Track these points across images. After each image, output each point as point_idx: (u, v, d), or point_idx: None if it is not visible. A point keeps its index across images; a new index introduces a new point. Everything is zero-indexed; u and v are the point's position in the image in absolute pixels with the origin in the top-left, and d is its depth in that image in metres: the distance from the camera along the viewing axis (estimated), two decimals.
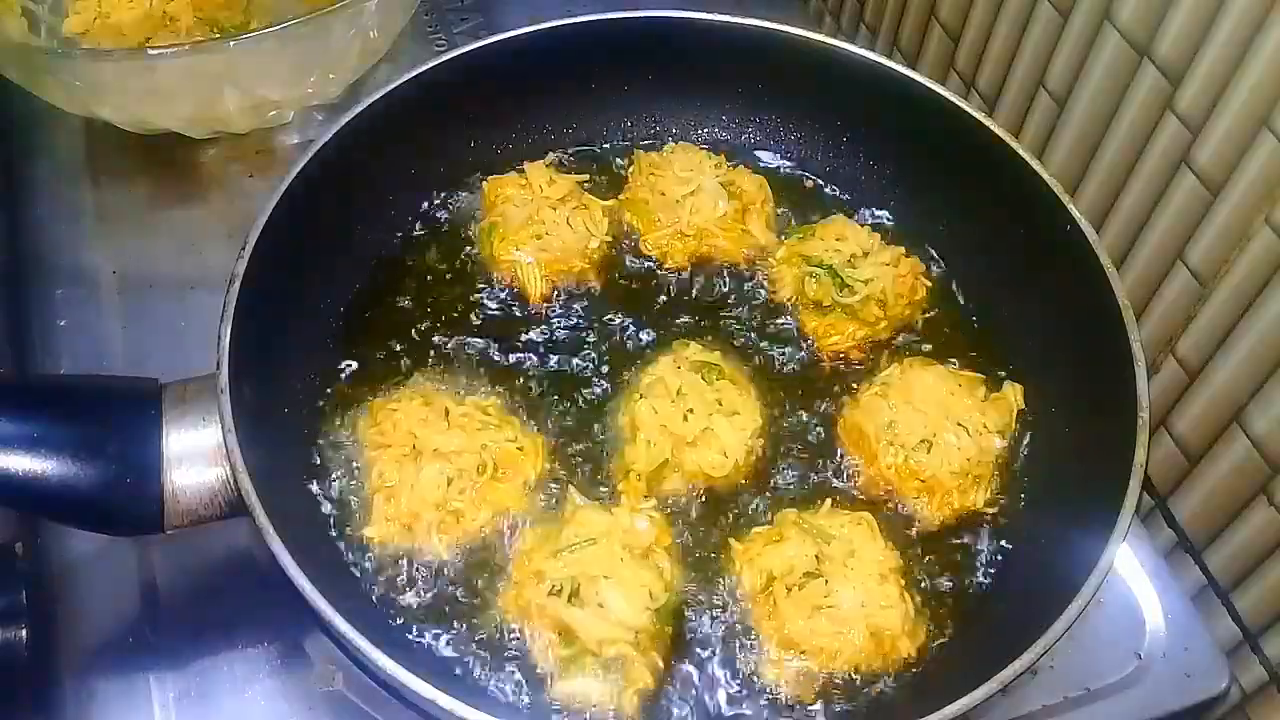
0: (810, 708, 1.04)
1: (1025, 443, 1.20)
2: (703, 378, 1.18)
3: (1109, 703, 1.14)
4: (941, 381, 1.20)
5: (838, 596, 1.05)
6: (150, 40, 1.54)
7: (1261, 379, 1.17)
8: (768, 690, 1.05)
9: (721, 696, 1.05)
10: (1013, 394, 1.21)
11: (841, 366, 1.27)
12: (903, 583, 1.08)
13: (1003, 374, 1.25)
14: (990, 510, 1.16)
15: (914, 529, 1.15)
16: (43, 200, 1.51)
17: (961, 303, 1.33)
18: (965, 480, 1.15)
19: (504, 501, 1.12)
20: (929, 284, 1.32)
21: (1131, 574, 1.22)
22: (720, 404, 1.17)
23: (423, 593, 1.09)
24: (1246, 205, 1.15)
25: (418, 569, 1.10)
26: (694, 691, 1.05)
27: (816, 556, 1.07)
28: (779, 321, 1.30)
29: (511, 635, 1.06)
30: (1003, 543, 1.15)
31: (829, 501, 1.14)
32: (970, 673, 0.94)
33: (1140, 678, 1.16)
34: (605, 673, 1.02)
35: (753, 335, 1.29)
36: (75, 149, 1.56)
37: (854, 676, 1.05)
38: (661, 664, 1.04)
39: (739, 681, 1.06)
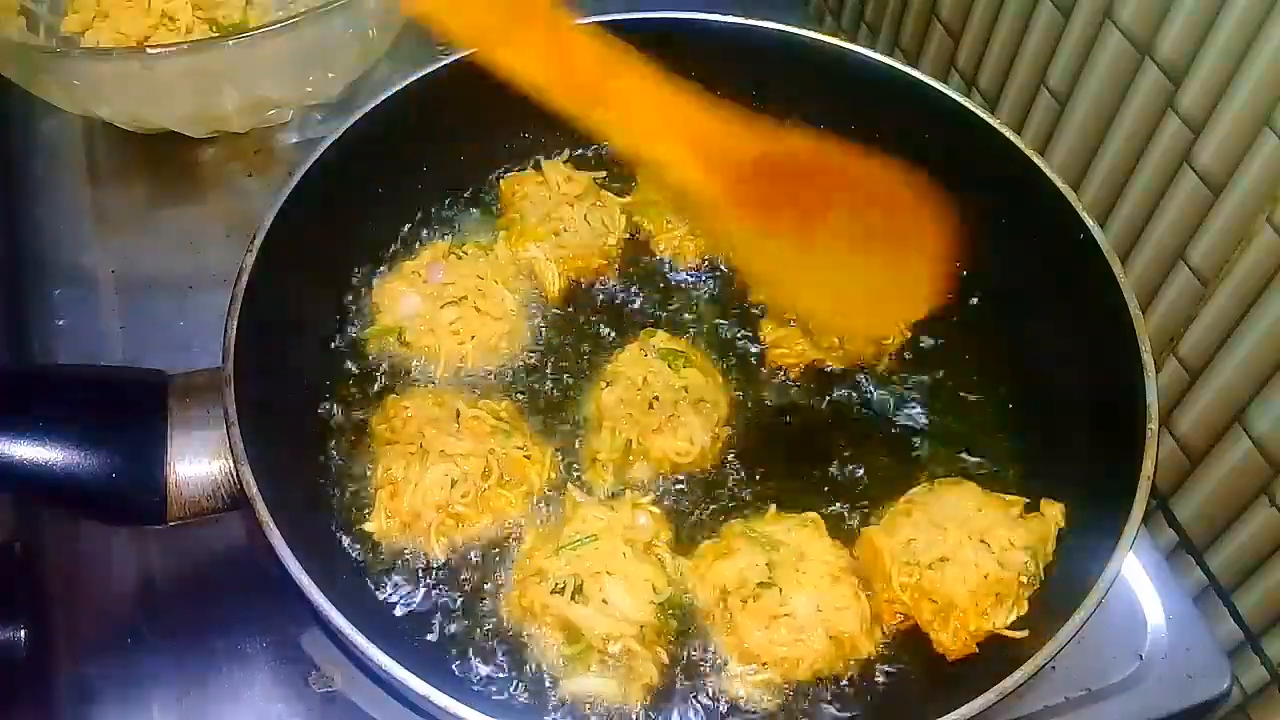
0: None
1: (1030, 445, 1.20)
2: (669, 365, 1.18)
3: (1110, 703, 1.14)
4: (970, 499, 1.11)
5: (793, 604, 1.04)
6: (149, 39, 1.54)
7: (1263, 379, 1.17)
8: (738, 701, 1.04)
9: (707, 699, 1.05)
10: (1053, 513, 1.10)
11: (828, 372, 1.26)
12: (855, 581, 1.06)
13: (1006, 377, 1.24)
14: (1018, 636, 1.04)
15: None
16: (42, 199, 1.50)
17: (965, 303, 1.32)
18: (986, 600, 1.05)
19: (506, 509, 1.12)
20: (908, 334, 1.28)
21: (1133, 575, 1.22)
22: (687, 391, 1.17)
23: (423, 592, 1.08)
24: (1248, 205, 1.15)
25: (419, 567, 1.10)
26: (699, 684, 1.05)
27: (767, 564, 1.06)
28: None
29: (514, 635, 1.06)
30: None
31: (774, 506, 1.12)
32: (968, 683, 0.94)
33: (1142, 678, 1.16)
34: (611, 669, 1.02)
35: (752, 333, 1.29)
36: (74, 148, 1.56)
37: (816, 682, 1.04)
38: (666, 658, 1.04)
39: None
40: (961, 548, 1.06)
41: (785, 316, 1.26)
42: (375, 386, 1.22)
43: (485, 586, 1.09)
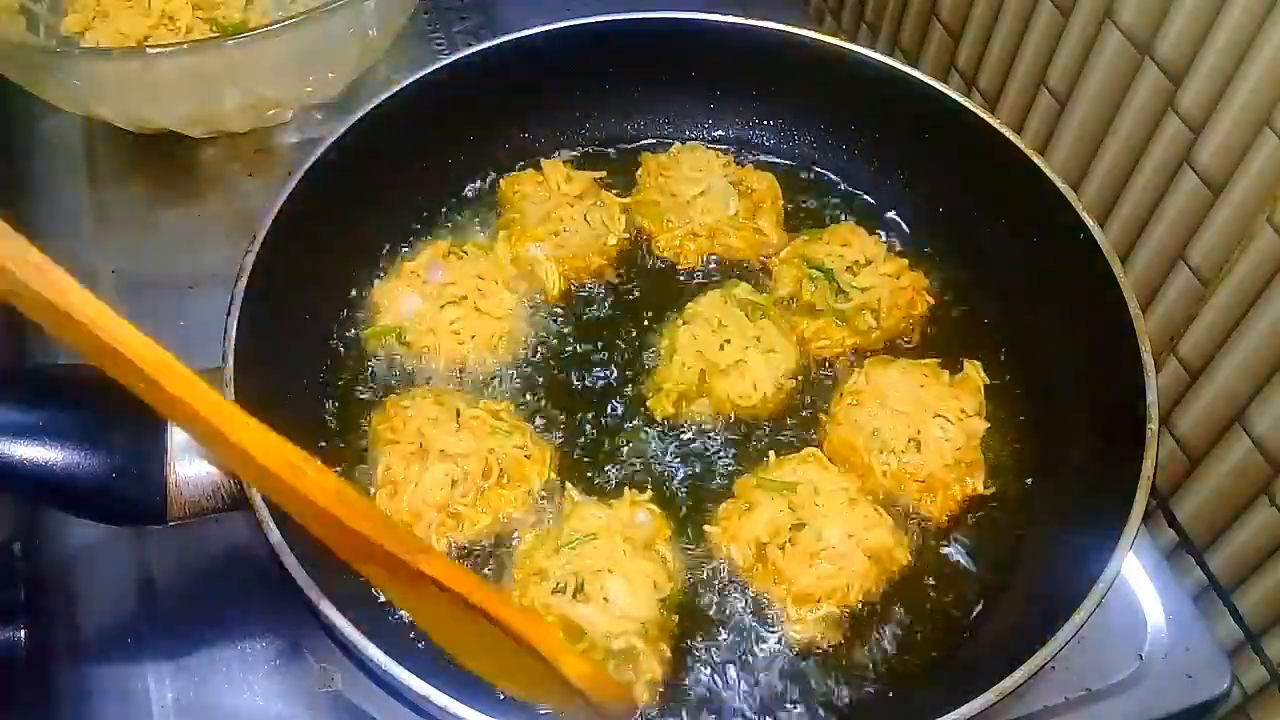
0: (841, 645, 1.07)
1: (1030, 445, 1.20)
2: (747, 315, 1.22)
3: (1110, 703, 1.14)
4: (908, 376, 1.20)
5: (827, 536, 1.08)
6: (149, 39, 1.54)
7: (1263, 379, 1.17)
8: (796, 645, 1.07)
9: (752, 665, 1.06)
10: (974, 372, 1.22)
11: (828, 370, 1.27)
12: (869, 499, 1.11)
13: (1008, 377, 1.25)
14: (990, 491, 1.16)
15: (920, 532, 1.14)
16: (42, 200, 1.50)
17: (967, 305, 1.33)
18: (960, 469, 1.15)
19: (506, 508, 1.12)
20: (931, 300, 1.31)
21: (1133, 574, 1.22)
22: (759, 340, 1.21)
23: None
24: (1248, 205, 1.15)
25: None
26: (717, 671, 1.06)
27: (789, 507, 1.09)
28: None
29: None
30: (1006, 552, 1.14)
31: (772, 454, 1.16)
32: (968, 683, 0.94)
33: (1142, 678, 1.16)
34: (615, 667, 1.02)
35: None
36: (74, 148, 1.56)
37: (869, 602, 1.09)
38: (670, 654, 1.04)
39: (770, 647, 1.07)
40: (927, 426, 1.15)
41: (815, 310, 1.27)
42: (375, 386, 1.22)
43: None
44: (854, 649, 1.07)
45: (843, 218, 1.39)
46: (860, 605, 1.08)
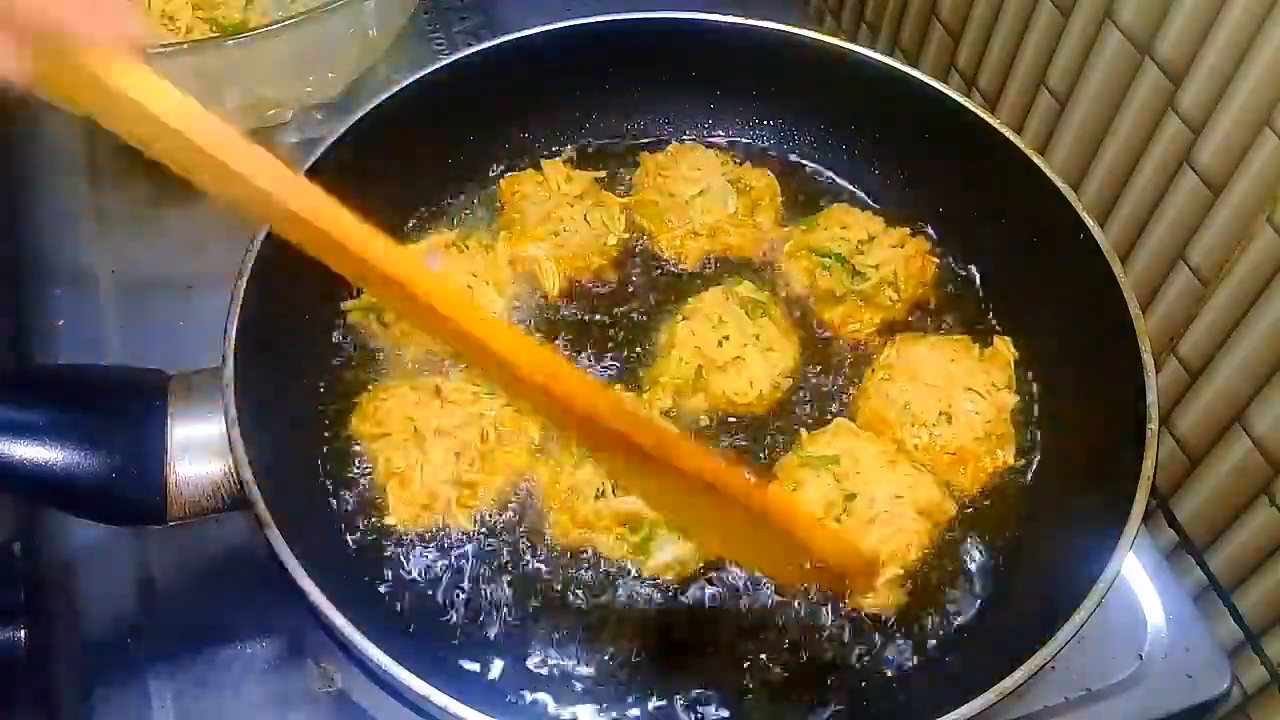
0: (841, 646, 1.08)
1: (1034, 442, 1.21)
2: (747, 313, 1.23)
3: (1110, 703, 1.14)
4: (939, 350, 1.21)
5: (878, 501, 1.09)
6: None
7: (1263, 379, 1.17)
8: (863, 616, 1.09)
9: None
10: (1004, 347, 1.23)
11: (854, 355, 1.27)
12: (906, 457, 1.13)
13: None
14: (1022, 463, 1.18)
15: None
16: (41, 200, 1.50)
17: (966, 305, 1.33)
18: (991, 441, 1.17)
19: (514, 463, 1.14)
20: (936, 261, 1.33)
21: (1133, 574, 1.22)
22: (758, 338, 1.21)
23: (456, 564, 1.10)
24: (1248, 205, 1.15)
25: (447, 543, 1.11)
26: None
27: (835, 479, 1.10)
28: (794, 316, 1.30)
29: (563, 566, 1.10)
30: (1005, 553, 1.14)
31: (802, 431, 1.17)
32: (968, 683, 0.94)
33: (1141, 678, 1.16)
34: (679, 535, 1.07)
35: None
36: (74, 149, 1.56)
37: (929, 561, 1.11)
38: None
39: (841, 620, 1.09)
40: (957, 400, 1.17)
41: (836, 296, 1.28)
42: (373, 384, 1.22)
43: (522, 531, 1.12)
44: (852, 650, 1.07)
45: None
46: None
